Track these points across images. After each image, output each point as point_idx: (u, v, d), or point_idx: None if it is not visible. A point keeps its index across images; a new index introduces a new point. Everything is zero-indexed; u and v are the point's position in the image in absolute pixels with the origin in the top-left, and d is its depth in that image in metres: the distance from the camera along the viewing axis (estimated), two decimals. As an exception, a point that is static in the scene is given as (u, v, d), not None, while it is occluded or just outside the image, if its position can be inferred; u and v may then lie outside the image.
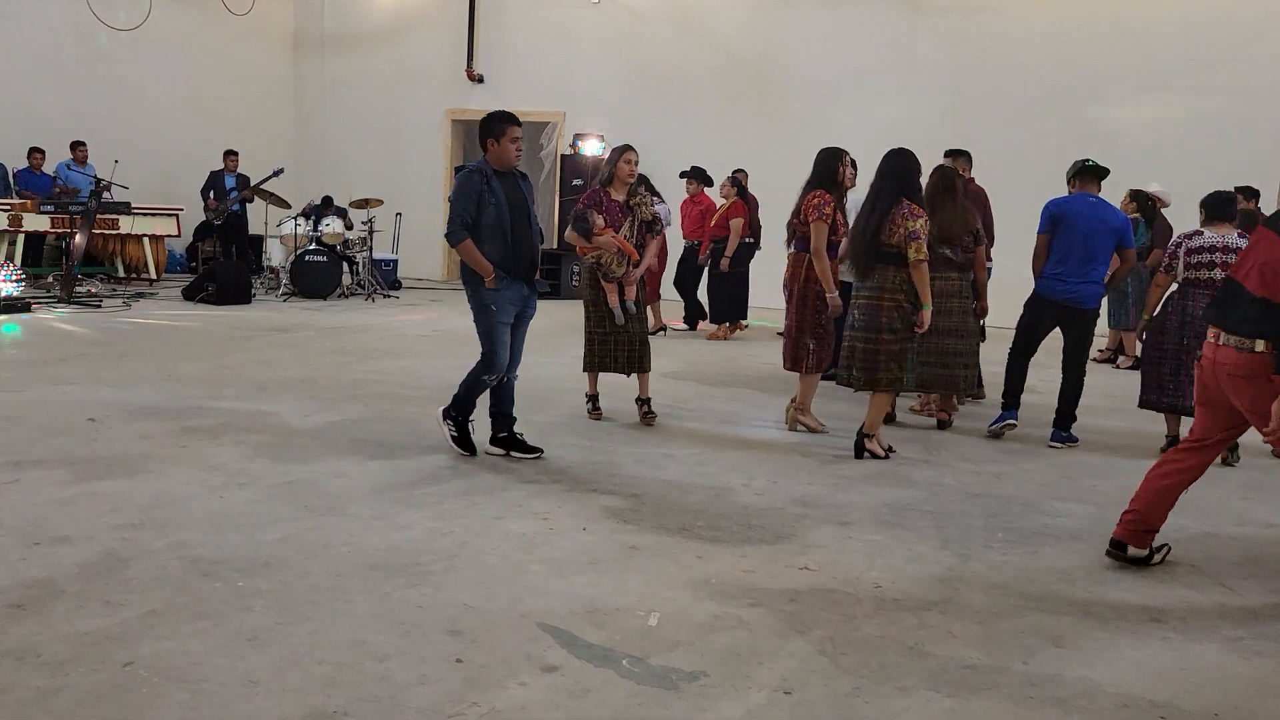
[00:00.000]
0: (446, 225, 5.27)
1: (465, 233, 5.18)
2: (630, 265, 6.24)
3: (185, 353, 8.31)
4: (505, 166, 5.29)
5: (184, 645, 3.04)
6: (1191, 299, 6.06)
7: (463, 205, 5.19)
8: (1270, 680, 3.15)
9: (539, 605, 3.45)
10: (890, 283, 5.67)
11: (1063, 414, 6.40)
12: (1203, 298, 6.02)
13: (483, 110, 5.81)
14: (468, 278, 5.30)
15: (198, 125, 14.89)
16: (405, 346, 9.19)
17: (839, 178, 6.25)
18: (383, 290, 13.53)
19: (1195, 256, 6.08)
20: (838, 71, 13.40)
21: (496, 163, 5.26)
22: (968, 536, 4.42)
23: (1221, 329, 3.90)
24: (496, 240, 5.23)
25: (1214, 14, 11.76)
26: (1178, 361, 6.10)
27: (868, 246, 5.71)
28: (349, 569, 3.71)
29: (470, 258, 5.20)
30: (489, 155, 5.27)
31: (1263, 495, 5.39)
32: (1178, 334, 6.09)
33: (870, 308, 5.73)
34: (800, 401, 6.39)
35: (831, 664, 3.12)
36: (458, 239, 5.19)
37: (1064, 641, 3.36)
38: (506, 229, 5.23)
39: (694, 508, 4.65)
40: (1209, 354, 3.97)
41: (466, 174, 5.28)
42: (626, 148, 6.34)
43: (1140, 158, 11.72)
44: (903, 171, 5.77)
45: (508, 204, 5.24)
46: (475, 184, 5.20)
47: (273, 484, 4.74)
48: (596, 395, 6.52)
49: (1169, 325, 6.15)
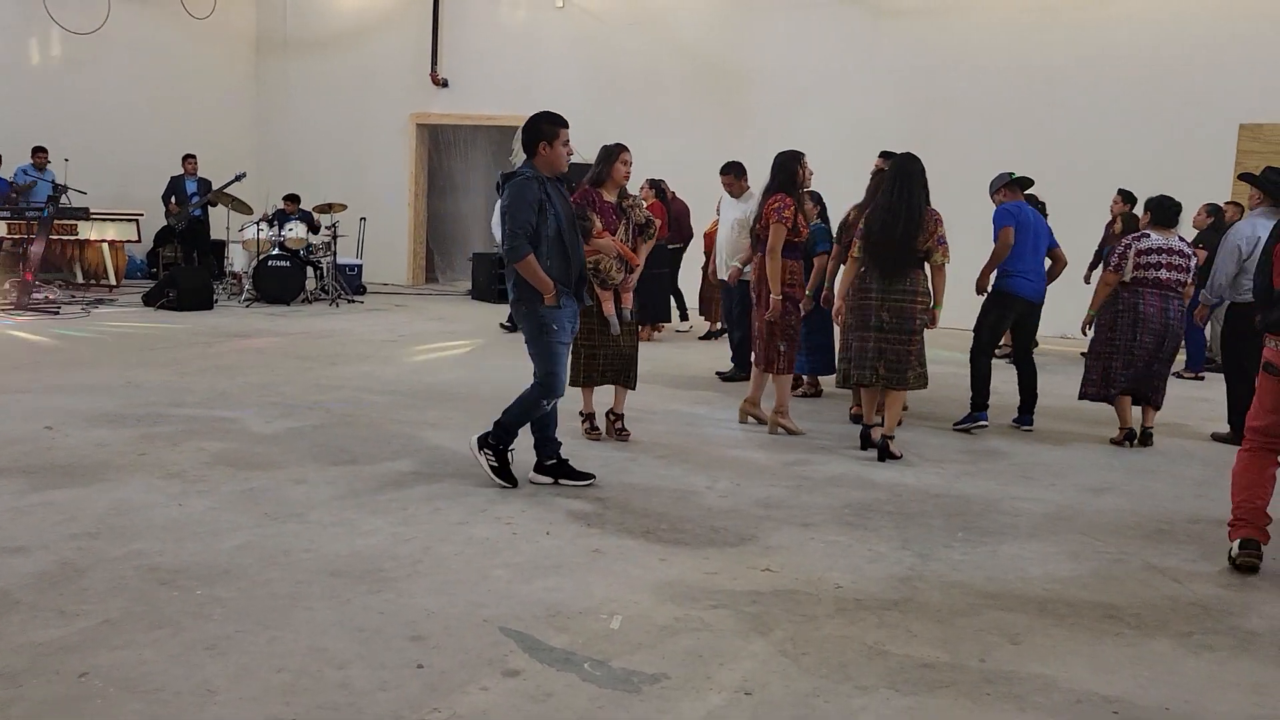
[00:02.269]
0: (506, 239, 4.77)
1: (530, 246, 4.73)
2: (628, 270, 5.87)
3: (145, 359, 8.22)
4: (556, 172, 4.90)
5: (141, 655, 3.01)
6: (1142, 298, 6.39)
7: (526, 216, 4.73)
8: (1220, 674, 3.21)
9: (501, 610, 3.45)
10: (922, 285, 5.91)
11: (1029, 401, 6.83)
12: (1153, 296, 6.39)
13: (447, 115, 5.75)
14: (523, 295, 4.86)
15: (158, 129, 14.72)
16: (369, 352, 9.15)
17: (799, 180, 6.33)
18: (347, 295, 13.45)
19: (1144, 257, 6.41)
20: (801, 74, 13.49)
21: (547, 169, 4.86)
22: (928, 536, 4.47)
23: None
24: (556, 254, 4.83)
25: (1169, 21, 11.96)
26: (1130, 355, 6.44)
27: (901, 251, 5.84)
28: (309, 576, 3.69)
29: (532, 274, 4.75)
30: (539, 160, 4.85)
31: (1216, 492, 5.46)
32: (1131, 330, 6.41)
33: (904, 310, 5.88)
34: (777, 404, 6.42)
35: (792, 664, 3.15)
36: (521, 254, 4.72)
37: (1021, 639, 3.40)
38: (566, 241, 4.88)
39: (657, 511, 4.67)
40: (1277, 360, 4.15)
41: (524, 182, 4.80)
42: (622, 147, 5.98)
43: (1096, 161, 11.93)
44: (923, 176, 5.95)
45: (563, 214, 4.91)
46: (535, 192, 4.77)
47: (233, 491, 4.70)
48: (593, 414, 6.17)
49: (1121, 322, 6.45)
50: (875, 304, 5.92)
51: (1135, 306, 6.40)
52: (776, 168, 6.33)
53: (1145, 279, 6.40)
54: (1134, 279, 6.43)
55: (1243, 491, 4.27)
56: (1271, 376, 4.21)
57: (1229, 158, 11.71)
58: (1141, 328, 6.39)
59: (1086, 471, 5.81)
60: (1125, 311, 6.43)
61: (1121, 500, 5.23)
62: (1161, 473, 5.88)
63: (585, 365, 6.00)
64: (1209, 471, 5.94)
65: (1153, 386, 6.56)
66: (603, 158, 5.99)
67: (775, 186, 6.30)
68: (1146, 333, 6.40)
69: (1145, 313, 6.38)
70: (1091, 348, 6.67)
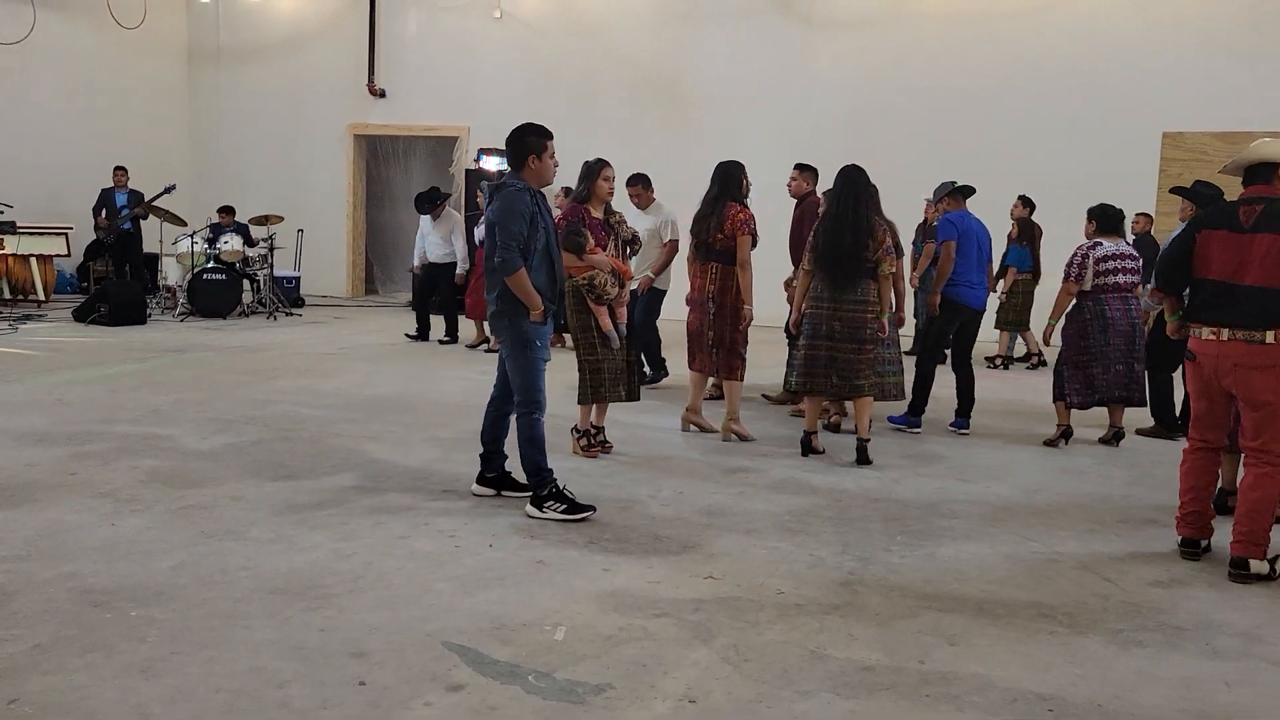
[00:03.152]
0: (497, 251, 4.63)
1: (522, 259, 4.61)
2: (621, 285, 5.84)
3: (75, 376, 8.04)
4: (544, 185, 4.82)
5: (72, 679, 2.95)
6: (1106, 303, 6.66)
7: (518, 228, 4.60)
8: (1150, 669, 3.30)
9: (445, 624, 3.44)
10: (872, 295, 6.02)
11: (965, 405, 6.99)
12: (1114, 300, 6.66)
13: (385, 125, 5.70)
14: (506, 308, 4.71)
15: (87, 141, 14.41)
16: (308, 365, 9.04)
17: (744, 190, 6.43)
18: (285, 308, 13.27)
19: (1102, 264, 6.67)
20: (740, 85, 13.61)
21: (536, 181, 4.76)
22: (867, 540, 4.53)
23: (1224, 326, 4.20)
24: (544, 268, 4.73)
25: (1095, 34, 12.29)
26: (1107, 360, 6.67)
27: (851, 261, 5.96)
28: (247, 594, 3.64)
29: (521, 288, 4.63)
30: (528, 173, 4.74)
31: (1144, 491, 5.63)
32: (1102, 336, 6.66)
33: (855, 319, 6.00)
34: (730, 411, 6.47)
35: (735, 671, 3.17)
36: (514, 266, 4.59)
37: (958, 640, 3.47)
38: (553, 255, 4.81)
39: (601, 520, 4.67)
40: (1211, 351, 4.24)
41: (515, 192, 4.67)
42: (604, 163, 5.99)
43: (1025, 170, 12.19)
44: (870, 187, 6.08)
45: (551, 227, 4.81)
46: (527, 204, 4.65)
47: (168, 509, 4.62)
48: (602, 428, 6.07)
49: (1091, 329, 6.67)
50: (827, 313, 6.03)
51: (1102, 313, 6.64)
52: (725, 177, 6.39)
53: (1105, 285, 6.66)
54: (1094, 286, 6.66)
55: (1187, 493, 4.49)
56: (1191, 364, 4.40)
57: (1153, 165, 12.07)
58: (1111, 331, 6.64)
59: (1021, 473, 5.94)
60: (1093, 319, 6.66)
61: (1054, 501, 5.34)
62: (1092, 473, 6.03)
63: (593, 382, 5.92)
64: (1135, 472, 6.10)
65: (1132, 386, 6.77)
66: (585, 174, 6.00)
67: (726, 196, 6.35)
68: (1116, 335, 6.66)
69: (1111, 317, 6.64)
70: (1066, 358, 6.80)
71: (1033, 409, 7.69)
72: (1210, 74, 11.89)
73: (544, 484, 4.72)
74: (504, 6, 14.75)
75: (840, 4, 13.36)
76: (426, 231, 10.82)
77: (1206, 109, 11.93)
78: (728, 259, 6.32)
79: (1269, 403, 4.15)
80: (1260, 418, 4.18)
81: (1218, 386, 4.31)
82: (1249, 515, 4.19)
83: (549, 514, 4.66)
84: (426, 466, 5.55)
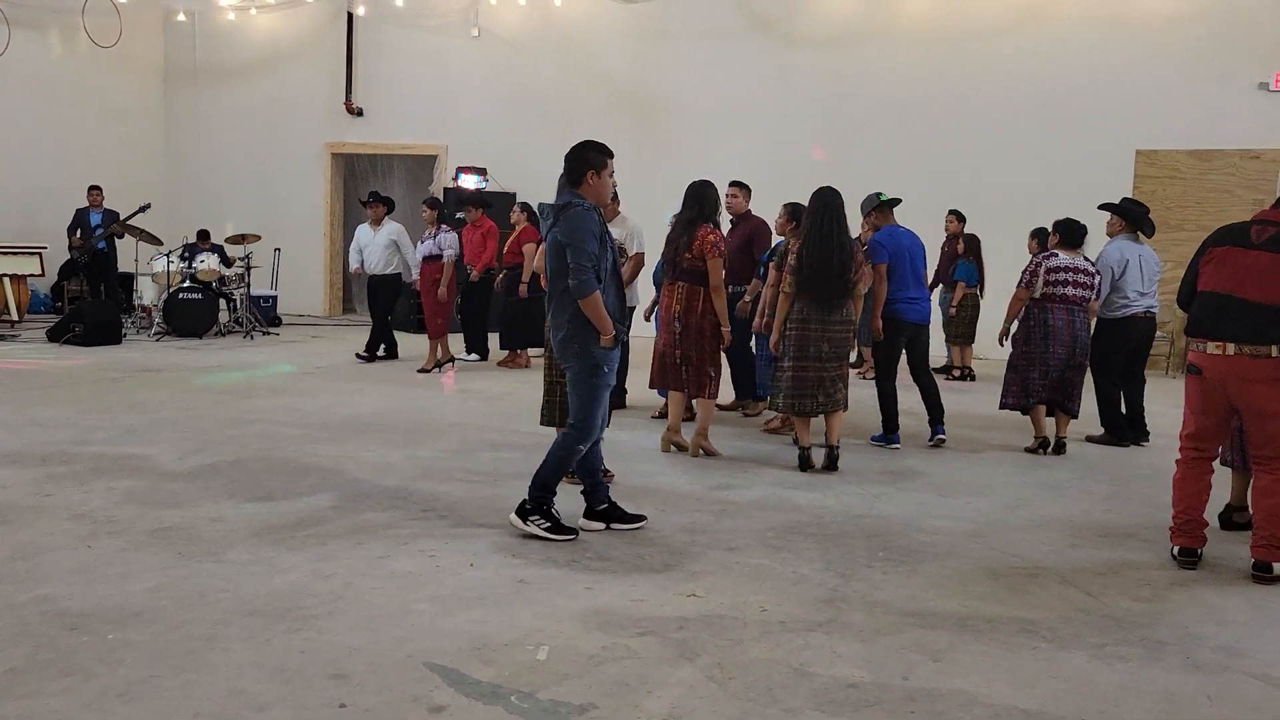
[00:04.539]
0: (571, 274, 4.44)
1: (597, 283, 4.45)
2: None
3: (50, 396, 7.96)
4: (602, 204, 4.68)
5: (48, 704, 2.90)
6: (1050, 312, 6.90)
7: (593, 248, 4.45)
8: (1132, 683, 3.30)
9: (426, 644, 3.41)
10: (851, 314, 6.15)
11: (936, 413, 7.08)
12: (1060, 310, 6.89)
13: (363, 144, 5.65)
14: (575, 333, 4.54)
15: (62, 160, 14.32)
16: (285, 384, 8.98)
17: (718, 210, 6.47)
18: (262, 327, 13.19)
19: (1053, 275, 6.92)
20: (716, 102, 13.68)
21: (594, 198, 4.61)
22: (850, 557, 4.53)
23: (1228, 341, 4.29)
24: (612, 289, 4.59)
25: (1068, 52, 12.43)
26: (1045, 366, 6.90)
27: (840, 282, 6.06)
28: (226, 616, 3.59)
29: (596, 312, 4.47)
30: (586, 190, 4.59)
31: (1124, 505, 5.66)
32: (1043, 343, 6.88)
33: (842, 340, 6.16)
34: (700, 427, 6.49)
35: (720, 689, 3.16)
36: (590, 289, 4.42)
37: (942, 655, 3.46)
38: (620, 275, 4.68)
39: (582, 539, 4.65)
40: (1217, 365, 4.32)
41: (584, 212, 4.51)
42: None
43: (999, 186, 12.31)
44: (844, 209, 6.17)
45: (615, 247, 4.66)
46: (596, 223, 4.51)
47: (144, 531, 4.56)
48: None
49: (1033, 336, 6.92)
50: (816, 335, 6.11)
51: (1045, 321, 6.90)
52: (700, 198, 6.41)
53: (1053, 295, 6.92)
54: (1043, 295, 6.93)
55: (1181, 502, 4.57)
56: (1194, 377, 4.47)
57: (1127, 182, 12.20)
58: (1053, 339, 6.87)
59: (1001, 489, 5.96)
60: (1036, 326, 6.93)
61: (1034, 516, 5.36)
62: (1071, 488, 6.06)
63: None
64: (1115, 486, 6.14)
65: (1068, 395, 6.98)
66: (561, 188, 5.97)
67: (701, 216, 6.38)
68: (1057, 344, 6.88)
69: (1054, 325, 6.88)
70: (1010, 361, 7.12)
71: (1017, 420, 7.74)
72: (1183, 92, 12.06)
73: (541, 501, 4.64)
74: (482, 25, 14.79)
75: (816, 22, 13.47)
76: (365, 242, 10.55)
77: (1179, 126, 12.11)
78: (694, 278, 6.35)
79: (1277, 413, 4.27)
80: (1270, 429, 4.31)
81: (1222, 399, 4.40)
82: (1268, 520, 4.33)
83: (532, 527, 4.60)
84: (406, 486, 5.52)
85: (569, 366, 4.65)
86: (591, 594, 3.95)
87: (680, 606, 3.84)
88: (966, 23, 12.83)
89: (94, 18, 13.76)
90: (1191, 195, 12.17)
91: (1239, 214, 11.93)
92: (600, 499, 4.84)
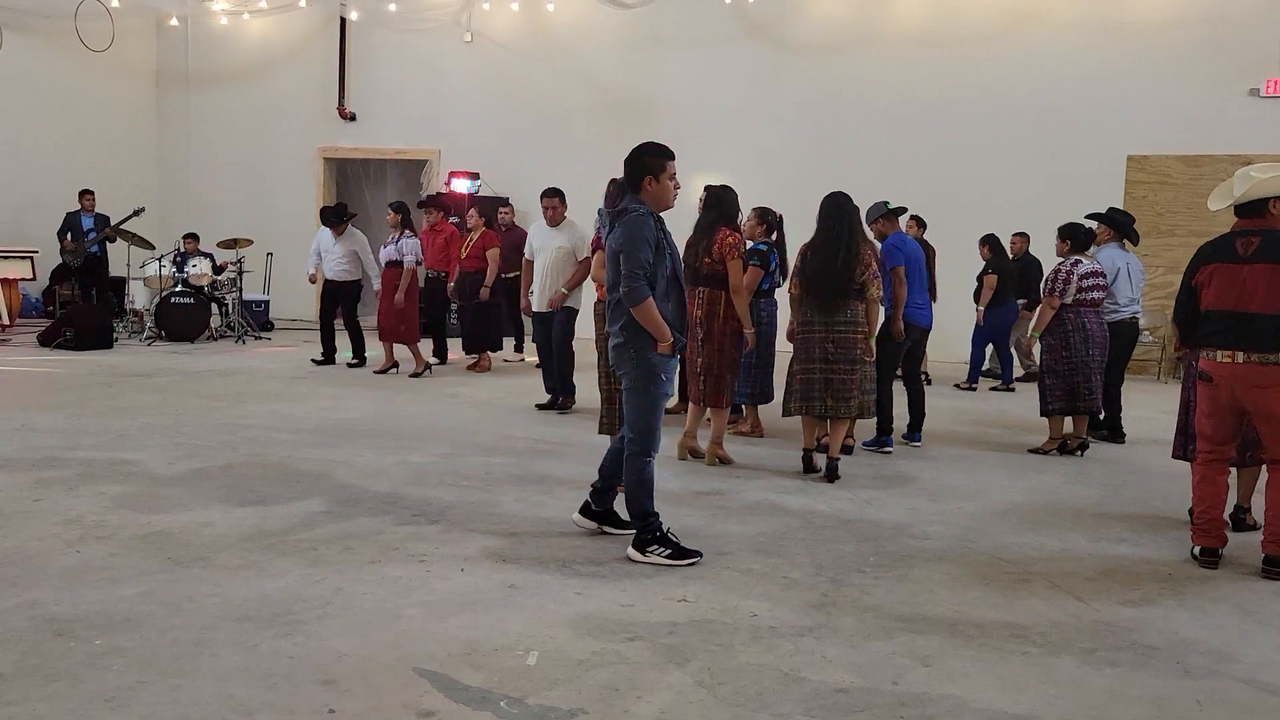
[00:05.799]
0: (623, 280, 4.35)
1: (649, 289, 4.36)
2: None
3: (40, 401, 7.93)
4: (663, 208, 4.53)
5: (35, 710, 2.88)
6: (1086, 317, 7.07)
7: (646, 255, 4.35)
8: (1122, 688, 3.31)
9: (416, 649, 3.40)
10: (860, 316, 6.13)
11: (917, 419, 7.25)
12: (1092, 314, 7.10)
13: (356, 148, 5.62)
14: (630, 341, 4.44)
15: (54, 164, 14.29)
16: (277, 389, 8.96)
17: (738, 213, 6.56)
18: (254, 332, 13.17)
19: (1086, 280, 7.06)
20: (709, 108, 13.70)
21: (655, 204, 4.49)
22: (840, 562, 4.53)
23: (1238, 350, 4.43)
24: (673, 296, 4.49)
25: (1059, 58, 12.48)
26: (1087, 370, 7.06)
27: (841, 284, 6.07)
28: (215, 621, 3.58)
29: (649, 319, 4.36)
30: (646, 196, 4.48)
31: (1114, 509, 5.67)
32: (1084, 347, 7.04)
33: (847, 341, 6.12)
34: (715, 435, 6.48)
35: (710, 694, 3.15)
36: (641, 296, 4.33)
37: (932, 661, 3.46)
38: (681, 282, 4.58)
39: (573, 544, 4.65)
40: (1227, 372, 4.46)
41: (640, 218, 4.41)
42: None
43: (992, 192, 12.34)
44: (856, 213, 6.18)
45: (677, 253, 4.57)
46: (652, 229, 4.41)
47: (134, 536, 4.55)
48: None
49: (1073, 341, 7.05)
50: (819, 337, 6.13)
51: (1083, 326, 7.06)
52: (721, 202, 6.45)
53: (1085, 300, 7.07)
54: (1076, 300, 7.05)
55: (1201, 503, 4.69)
56: (1204, 384, 4.62)
57: (1119, 188, 12.24)
58: (1092, 344, 7.06)
59: (991, 494, 5.96)
60: (1075, 331, 7.06)
61: (1025, 521, 5.37)
62: (1062, 492, 6.06)
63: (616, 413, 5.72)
64: (1105, 490, 6.15)
65: (1098, 396, 7.20)
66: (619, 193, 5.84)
67: (720, 220, 6.37)
68: (1095, 347, 7.08)
69: (1090, 330, 7.07)
70: (1048, 367, 7.19)
71: (1001, 422, 7.75)
72: (1174, 98, 12.11)
73: (650, 528, 4.47)
74: (474, 29, 14.80)
75: (809, 29, 13.50)
76: (327, 248, 10.47)
77: (1170, 132, 12.15)
78: (715, 283, 6.34)
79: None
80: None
81: (1231, 404, 4.53)
82: (1278, 517, 4.46)
83: (653, 558, 4.40)
84: (396, 491, 5.51)
85: (625, 374, 4.53)
86: (581, 599, 3.94)
87: (670, 611, 3.84)
88: (958, 29, 12.87)
89: (86, 22, 13.74)
90: (1182, 201, 12.21)
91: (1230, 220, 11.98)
92: (604, 502, 4.82)
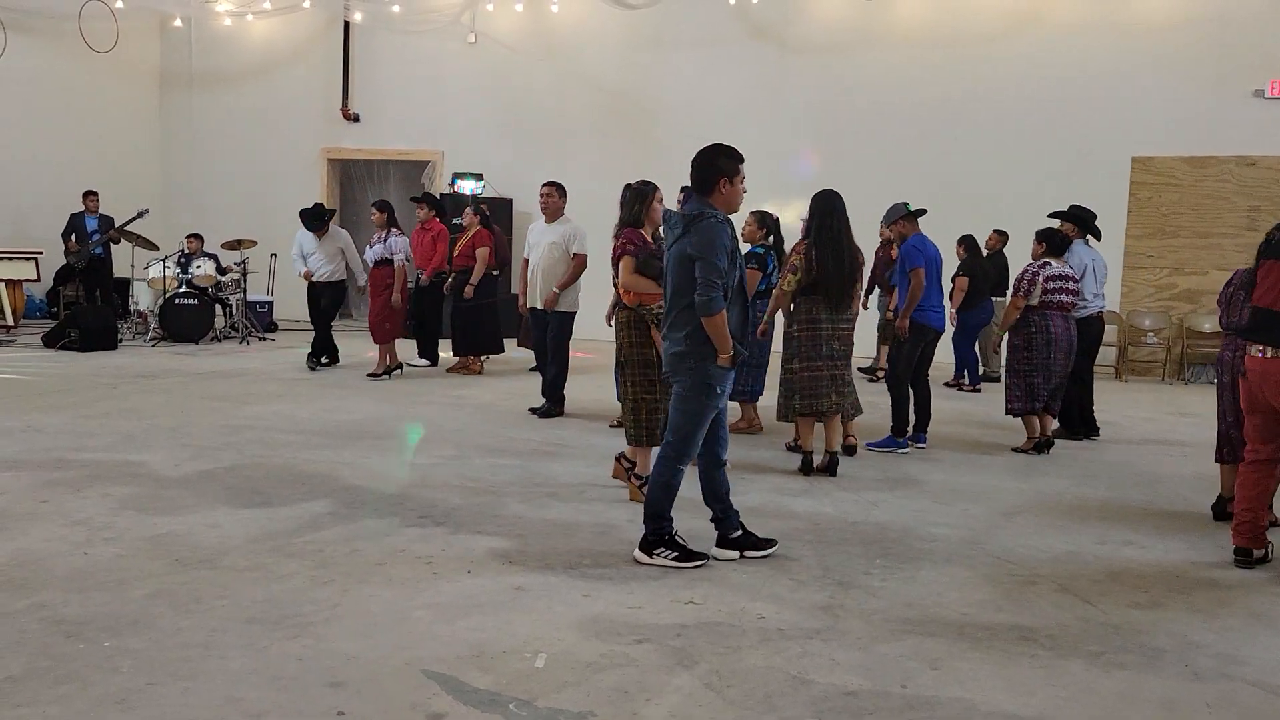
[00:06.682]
0: (700, 290, 4.18)
1: (725, 301, 4.20)
2: None
3: (46, 402, 7.94)
4: (731, 213, 4.37)
5: (46, 712, 2.89)
6: (1050, 319, 7.05)
7: (723, 264, 4.18)
8: (1131, 691, 3.30)
9: (424, 652, 3.40)
10: (855, 314, 6.31)
11: (923, 420, 7.28)
12: (1058, 317, 7.06)
13: (360, 149, 5.63)
14: (692, 349, 4.29)
15: (58, 166, 14.28)
16: (281, 390, 8.96)
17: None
18: (258, 333, 13.18)
19: (1052, 283, 7.07)
20: (711, 109, 13.66)
21: (724, 208, 4.32)
22: (847, 564, 4.53)
23: (1269, 345, 4.48)
24: (736, 307, 4.35)
25: (1064, 59, 12.47)
26: (1048, 372, 7.07)
27: (852, 283, 6.22)
28: (223, 623, 3.59)
29: (719, 331, 4.22)
30: (717, 199, 4.31)
31: (1121, 511, 5.66)
32: (1046, 349, 7.04)
33: (849, 338, 6.31)
34: None
35: (718, 697, 3.15)
36: (718, 308, 4.17)
37: (940, 663, 3.46)
38: (745, 293, 4.46)
39: (580, 546, 4.65)
40: (1257, 368, 4.52)
41: (718, 224, 4.23)
42: (654, 187, 5.78)
43: (995, 193, 12.33)
44: (845, 211, 6.27)
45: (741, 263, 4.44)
46: (729, 237, 4.25)
47: (141, 537, 4.55)
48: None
49: (1036, 343, 7.05)
50: (827, 334, 6.23)
51: (1046, 328, 7.06)
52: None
53: (1050, 303, 7.07)
54: (1041, 303, 7.06)
55: (1242, 503, 4.73)
56: (1242, 379, 4.70)
57: (1123, 189, 12.24)
58: (1054, 346, 7.05)
59: (998, 496, 5.96)
60: (1038, 333, 7.06)
61: (1032, 523, 5.36)
62: (1068, 494, 6.06)
63: (648, 423, 5.54)
64: (1112, 493, 6.14)
65: (1057, 398, 7.25)
66: (636, 198, 5.77)
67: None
68: (1058, 350, 7.08)
69: (1055, 333, 7.06)
70: (1010, 367, 7.26)
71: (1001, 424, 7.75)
72: (1179, 99, 12.10)
73: (660, 530, 4.40)
74: (477, 31, 14.80)
75: (812, 29, 13.49)
76: (309, 250, 10.41)
77: (1175, 134, 12.15)
78: None
79: None
80: None
81: (1264, 399, 4.57)
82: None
83: (659, 560, 4.36)
84: (402, 492, 5.51)
85: (679, 381, 4.37)
86: (589, 601, 3.94)
87: (678, 614, 3.84)
88: (962, 30, 12.87)
89: (90, 23, 13.76)
90: (1187, 202, 12.21)
91: (1235, 221, 12.06)
92: (733, 525, 4.56)
